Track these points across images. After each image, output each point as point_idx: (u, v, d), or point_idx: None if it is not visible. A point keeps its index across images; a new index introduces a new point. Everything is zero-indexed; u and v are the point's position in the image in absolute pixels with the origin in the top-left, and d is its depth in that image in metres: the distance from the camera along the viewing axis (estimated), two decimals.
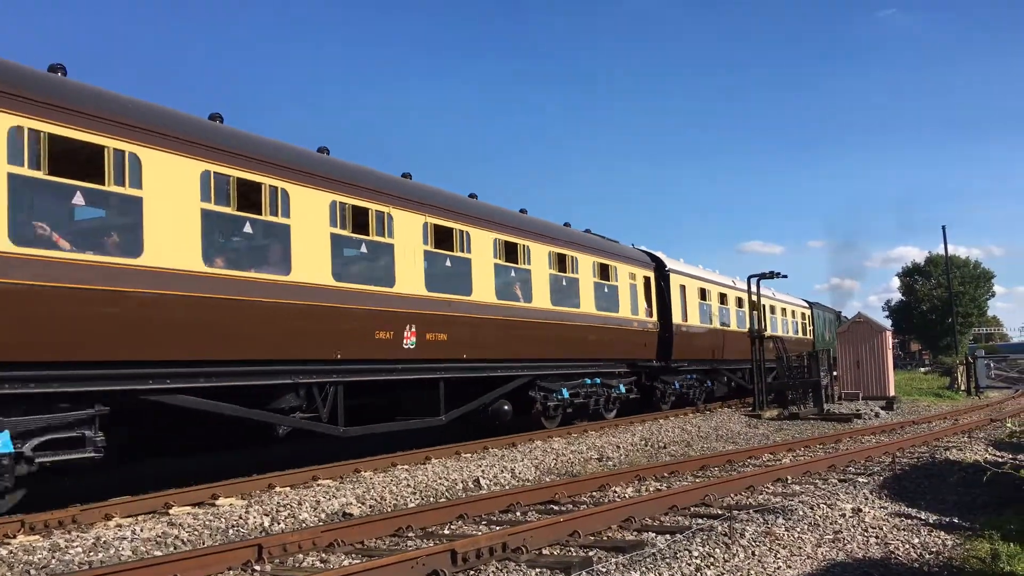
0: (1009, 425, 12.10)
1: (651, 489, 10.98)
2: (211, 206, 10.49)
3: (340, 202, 12.47)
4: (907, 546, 7.79)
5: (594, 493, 10.74)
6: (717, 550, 7.14)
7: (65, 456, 9.03)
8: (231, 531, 8.67)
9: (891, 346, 32.24)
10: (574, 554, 7.32)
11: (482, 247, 15.68)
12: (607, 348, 19.93)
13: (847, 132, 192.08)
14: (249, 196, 11.13)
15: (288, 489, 10.90)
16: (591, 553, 7.25)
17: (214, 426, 11.48)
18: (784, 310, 36.65)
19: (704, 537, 7.57)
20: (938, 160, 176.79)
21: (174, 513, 9.39)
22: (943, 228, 79.01)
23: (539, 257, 17.60)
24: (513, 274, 16.78)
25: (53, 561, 7.44)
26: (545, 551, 7.42)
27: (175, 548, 7.97)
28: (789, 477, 11.46)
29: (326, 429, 12.28)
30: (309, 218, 11.89)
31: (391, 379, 13.59)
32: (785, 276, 28.08)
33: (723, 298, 28.29)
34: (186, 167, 10.25)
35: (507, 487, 11.56)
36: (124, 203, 9.65)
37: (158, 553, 7.73)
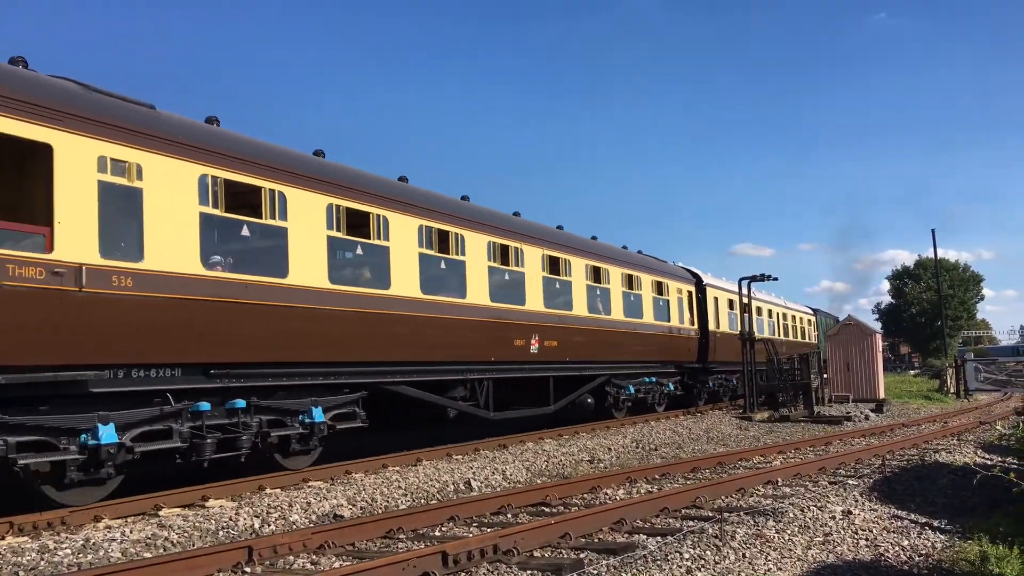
0: (999, 428, 12.16)
1: (642, 491, 11.00)
2: (334, 233, 12.68)
3: (492, 242, 16.45)
4: (897, 548, 7.83)
5: (585, 495, 10.75)
6: (708, 552, 7.16)
7: (347, 424, 12.88)
8: (221, 533, 8.64)
9: (881, 349, 32.33)
10: (565, 556, 7.32)
11: (579, 272, 19.78)
12: (662, 352, 23.70)
13: (839, 136, 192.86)
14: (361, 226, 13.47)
15: (279, 491, 10.87)
16: (582, 555, 7.26)
17: (409, 409, 14.84)
18: (793, 316, 41.04)
19: (695, 539, 7.58)
20: (934, 161, 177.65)
21: (164, 515, 9.35)
22: (932, 232, 79.50)
23: (615, 278, 21.41)
24: (598, 292, 20.55)
25: (42, 563, 7.40)
26: (536, 553, 7.42)
27: (165, 550, 7.94)
28: (779, 479, 11.49)
29: (483, 413, 16.06)
30: (473, 256, 15.81)
31: (521, 376, 17.28)
32: (775, 279, 28.28)
33: (734, 304, 30.56)
34: (317, 201, 12.30)
35: (498, 489, 11.56)
36: (276, 233, 11.68)
37: (148, 555, 7.70)
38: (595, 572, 6.56)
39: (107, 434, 9.32)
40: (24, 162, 8.96)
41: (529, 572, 6.75)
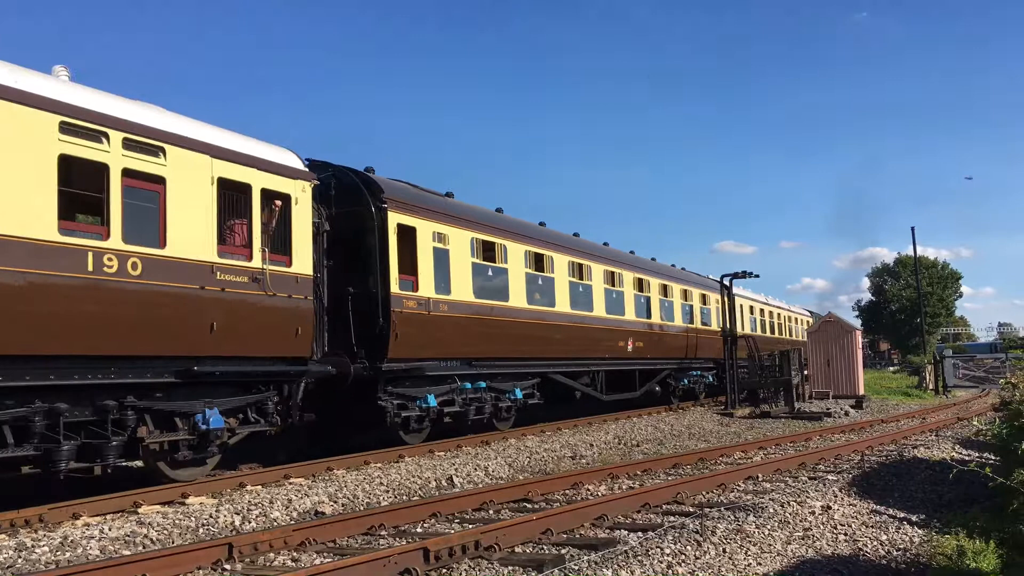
0: (976, 423, 12.29)
1: (624, 487, 11.03)
2: (531, 270, 18.87)
3: (607, 271, 22.59)
4: (875, 543, 7.90)
5: (567, 491, 10.77)
6: (689, 547, 7.19)
7: (534, 400, 18.68)
8: (201, 530, 8.59)
9: (861, 345, 32.56)
10: (547, 552, 7.34)
11: (655, 290, 25.85)
12: (706, 350, 28.77)
13: (822, 134, 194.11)
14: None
15: (260, 488, 10.82)
16: (564, 551, 7.27)
17: (556, 389, 19.98)
18: (796, 319, 48.03)
19: (676, 535, 7.61)
20: (915, 161, 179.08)
21: (143, 512, 9.28)
22: (912, 229, 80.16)
23: (678, 293, 27.89)
24: (665, 304, 26.58)
25: (19, 560, 7.33)
26: (518, 549, 7.43)
27: (144, 547, 7.88)
28: (760, 475, 11.56)
29: (598, 395, 21.65)
30: (596, 278, 21.86)
31: (621, 369, 23.21)
32: (757, 276, 28.73)
33: (752, 309, 37.69)
34: (519, 248, 18.43)
35: (480, 485, 11.56)
36: (503, 272, 17.84)
37: (127, 552, 7.64)
38: (576, 568, 6.57)
39: (430, 399, 15.33)
40: (405, 239, 14.83)
41: (510, 568, 6.76)
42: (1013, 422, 10.99)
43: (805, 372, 29.57)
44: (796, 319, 48.20)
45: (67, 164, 9.44)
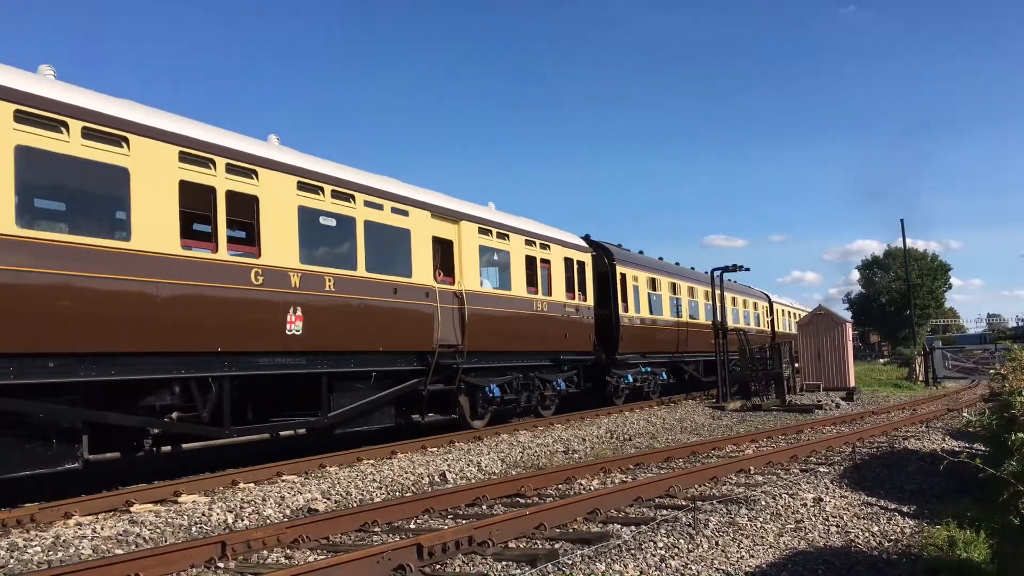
0: (966, 415, 12.37)
1: (616, 481, 11.05)
2: (670, 294, 29.29)
3: (690, 287, 31.11)
4: (867, 534, 7.94)
5: (560, 486, 10.79)
6: (681, 541, 7.21)
7: (665, 382, 27.42)
8: (194, 528, 8.58)
9: (851, 338, 32.69)
10: (540, 547, 7.34)
11: (699, 297, 31.79)
12: (756, 342, 33.54)
13: (810, 128, 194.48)
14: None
15: (252, 485, 10.80)
16: (557, 545, 7.29)
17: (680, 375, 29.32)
18: (798, 315, 53.78)
19: (668, 528, 7.64)
20: (901, 154, 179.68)
21: (135, 511, 9.26)
22: (901, 221, 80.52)
23: (742, 304, 37.38)
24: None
25: (11, 561, 7.30)
26: (511, 544, 7.43)
27: (137, 546, 7.86)
28: (752, 468, 11.61)
29: (700, 376, 30.71)
30: (683, 293, 29.85)
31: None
32: (747, 269, 28.82)
33: (783, 312, 46.50)
34: (665, 280, 28.42)
35: (473, 481, 11.57)
36: (659, 297, 27.65)
37: (119, 551, 7.62)
38: (569, 562, 6.58)
39: (628, 377, 24.63)
40: (623, 281, 24.08)
41: (504, 563, 6.76)
42: (1003, 413, 11.06)
43: (796, 365, 29.71)
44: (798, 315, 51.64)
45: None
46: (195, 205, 11.45)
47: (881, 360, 65.31)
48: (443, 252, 16.25)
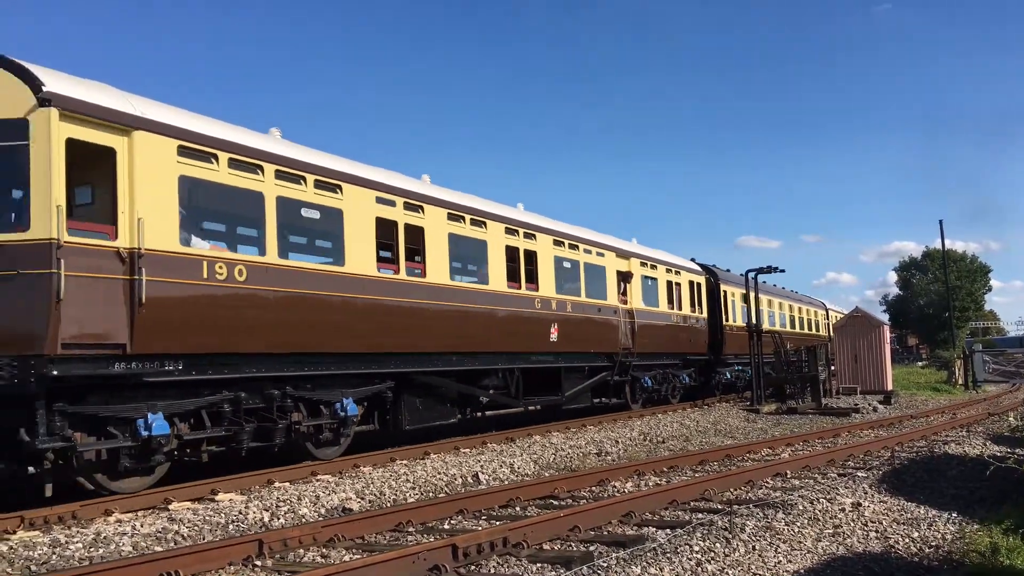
0: (1011, 419, 12.10)
1: (650, 484, 10.99)
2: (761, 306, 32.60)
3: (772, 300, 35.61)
4: (907, 540, 7.81)
5: (593, 488, 10.75)
6: (717, 544, 7.14)
7: (749, 377, 27.88)
8: (231, 526, 8.67)
9: (888, 340, 32.24)
10: (574, 549, 7.33)
11: (775, 308, 35.54)
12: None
13: (845, 128, 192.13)
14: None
15: (287, 484, 10.90)
16: (591, 548, 7.27)
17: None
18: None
19: (704, 532, 7.57)
20: (932, 153, 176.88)
21: (174, 509, 9.38)
22: (940, 223, 79.09)
23: (799, 311, 40.67)
24: (793, 314, 38.71)
25: (54, 557, 7.43)
26: (546, 546, 7.43)
27: (175, 543, 7.97)
28: (788, 472, 11.48)
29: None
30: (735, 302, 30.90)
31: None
32: (782, 271, 28.79)
33: (837, 318, 46.29)
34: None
35: (506, 482, 11.57)
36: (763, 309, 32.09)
37: (158, 549, 7.73)
38: (605, 565, 6.55)
39: (728, 373, 30.10)
40: (726, 297, 29.43)
41: (539, 565, 6.76)
42: None
43: (832, 368, 29.36)
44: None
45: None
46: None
47: (919, 363, 64.36)
48: (621, 280, 22.01)
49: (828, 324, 45.74)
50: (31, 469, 9.27)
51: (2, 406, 8.79)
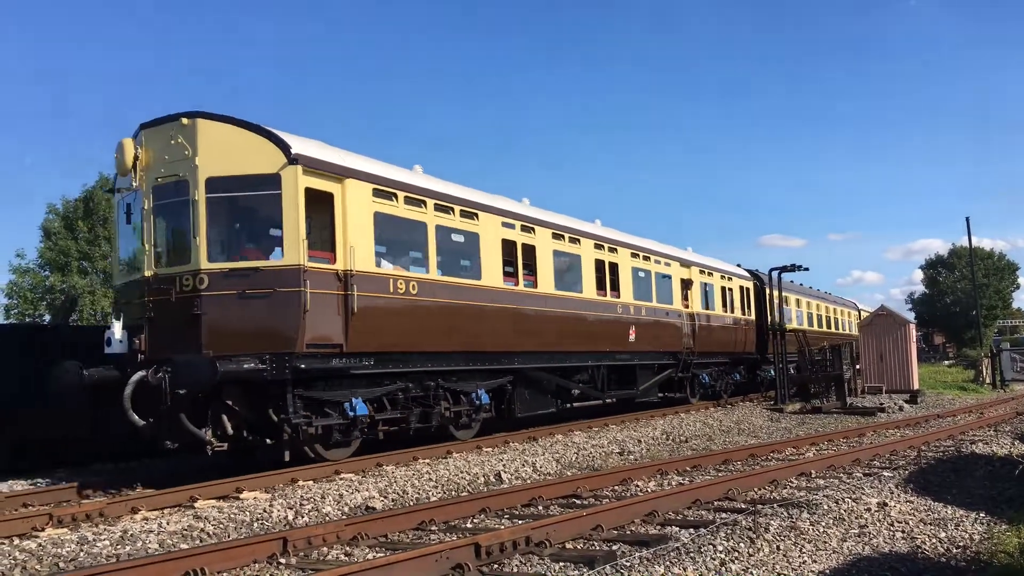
0: None
1: (674, 483, 10.95)
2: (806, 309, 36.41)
3: (798, 299, 34.61)
4: (934, 540, 7.73)
5: (616, 487, 10.73)
6: (742, 544, 7.10)
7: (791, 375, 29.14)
8: (256, 524, 8.74)
9: (915, 339, 31.88)
10: (597, 548, 7.32)
11: (813, 309, 37.14)
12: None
13: (871, 125, 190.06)
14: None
15: (311, 483, 10.97)
16: (615, 547, 7.25)
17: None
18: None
19: (728, 531, 7.53)
20: (954, 153, 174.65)
21: (199, 506, 9.47)
22: (967, 220, 78.19)
23: (834, 311, 41.74)
24: (824, 314, 39.30)
25: (81, 554, 7.53)
26: (568, 545, 7.42)
27: (201, 541, 8.05)
28: (813, 471, 11.40)
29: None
30: (792, 306, 32.67)
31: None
32: (806, 269, 28.49)
33: (860, 315, 47.88)
34: (796, 297, 34.64)
35: (529, 481, 11.57)
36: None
37: (184, 546, 7.81)
38: (628, 564, 6.54)
39: (771, 371, 28.83)
40: (770, 299, 29.59)
41: (562, 564, 6.75)
42: None
43: (857, 366, 29.10)
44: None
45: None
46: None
47: (946, 362, 63.68)
48: (683, 286, 24.31)
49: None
50: (268, 440, 11.81)
51: (261, 392, 11.48)
